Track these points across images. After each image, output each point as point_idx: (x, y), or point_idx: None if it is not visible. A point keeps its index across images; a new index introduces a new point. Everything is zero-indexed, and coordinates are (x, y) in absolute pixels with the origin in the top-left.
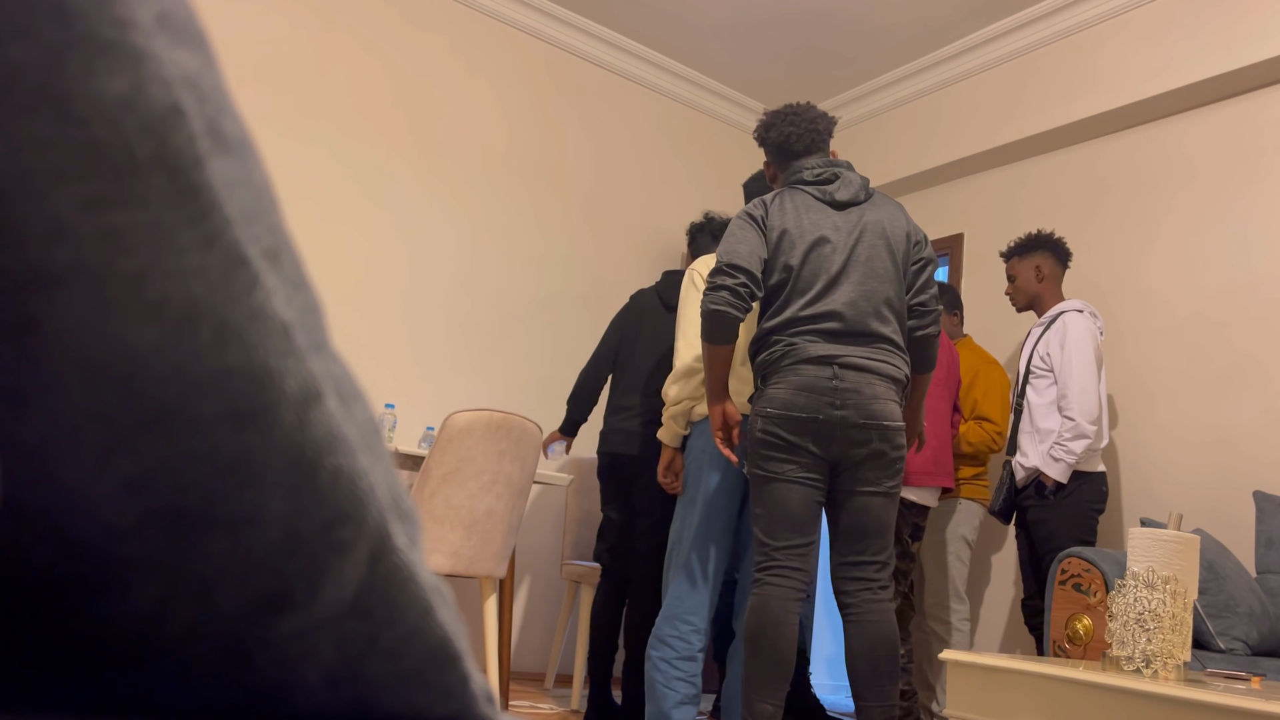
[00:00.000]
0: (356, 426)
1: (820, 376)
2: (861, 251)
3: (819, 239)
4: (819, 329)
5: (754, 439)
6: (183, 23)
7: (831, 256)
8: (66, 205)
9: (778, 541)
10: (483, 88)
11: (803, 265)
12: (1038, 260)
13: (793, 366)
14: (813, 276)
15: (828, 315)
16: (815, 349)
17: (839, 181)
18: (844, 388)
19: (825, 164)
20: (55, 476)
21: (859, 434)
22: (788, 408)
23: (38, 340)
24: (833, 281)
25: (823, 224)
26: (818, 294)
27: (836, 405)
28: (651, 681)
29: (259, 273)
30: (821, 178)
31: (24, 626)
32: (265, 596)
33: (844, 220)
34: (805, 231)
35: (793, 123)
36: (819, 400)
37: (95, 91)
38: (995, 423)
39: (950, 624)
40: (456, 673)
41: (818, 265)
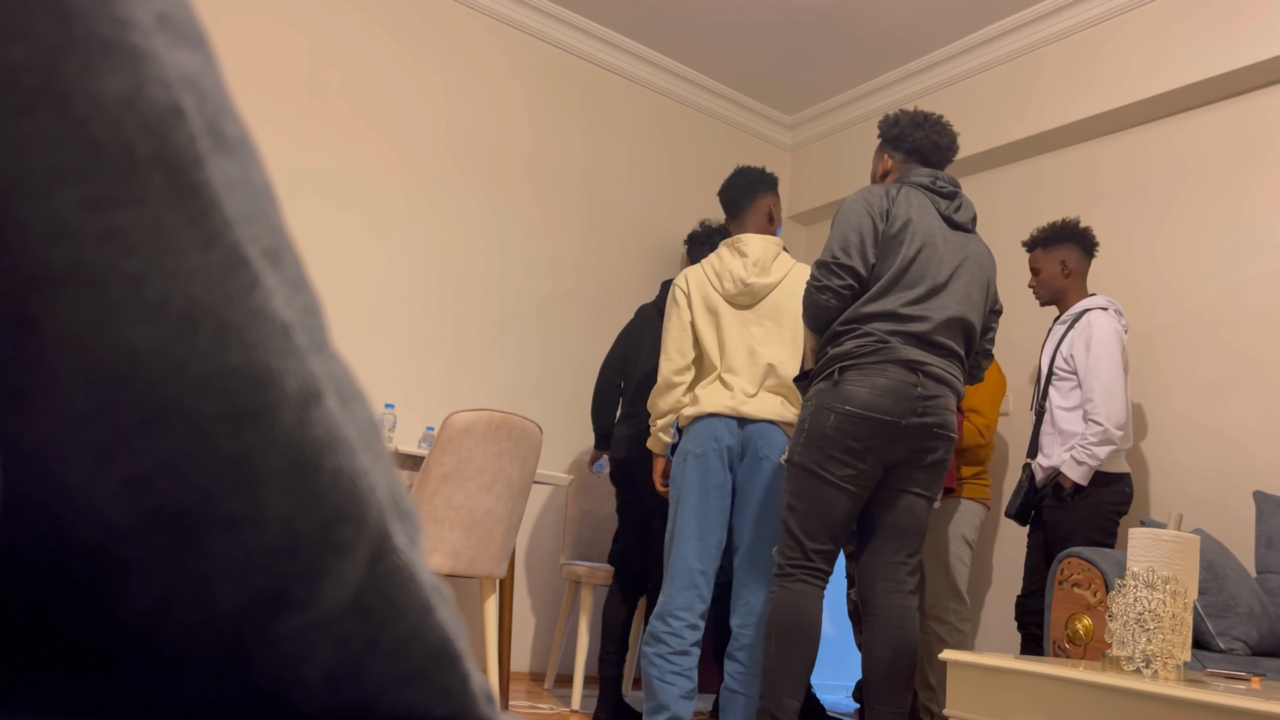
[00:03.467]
0: (356, 426)
1: (906, 382)
2: (963, 274)
3: (934, 243)
4: (912, 331)
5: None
6: (183, 23)
7: (940, 265)
8: (67, 205)
9: (815, 543)
10: (483, 87)
11: (913, 261)
12: (1063, 254)
13: (880, 366)
14: (919, 276)
15: (924, 319)
16: (906, 352)
17: (959, 202)
18: (927, 395)
19: (952, 182)
20: (55, 476)
21: (932, 441)
22: (871, 409)
23: (38, 340)
24: (938, 288)
25: (938, 231)
26: (921, 295)
27: (919, 412)
28: (647, 677)
29: (259, 273)
30: (944, 192)
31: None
32: (265, 596)
33: (954, 239)
34: (925, 231)
35: (939, 134)
36: (904, 406)
37: (95, 91)
38: (983, 415)
39: (951, 624)
40: (456, 673)
41: (926, 267)
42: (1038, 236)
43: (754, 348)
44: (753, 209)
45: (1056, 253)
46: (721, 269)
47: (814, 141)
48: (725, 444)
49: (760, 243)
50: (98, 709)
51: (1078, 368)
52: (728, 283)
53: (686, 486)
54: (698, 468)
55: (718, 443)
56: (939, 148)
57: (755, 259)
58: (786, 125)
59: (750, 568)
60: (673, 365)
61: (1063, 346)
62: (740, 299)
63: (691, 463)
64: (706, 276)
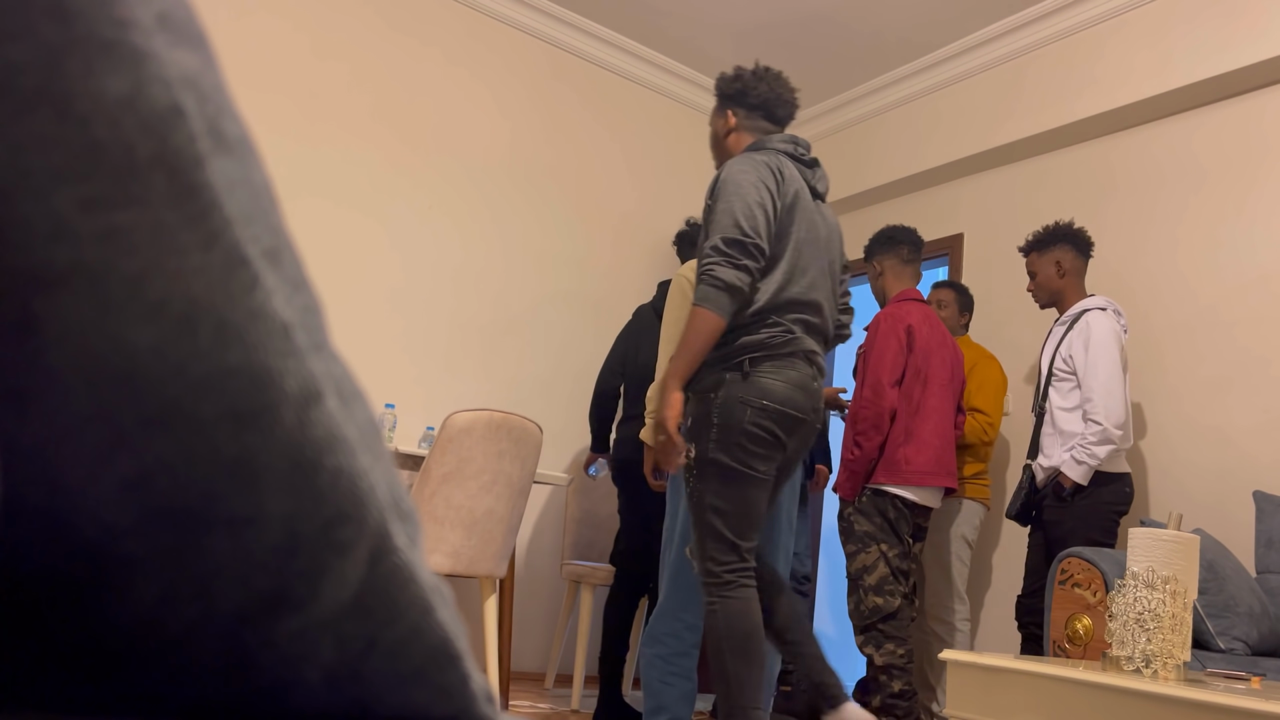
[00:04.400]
0: (356, 426)
1: (807, 375)
2: (831, 250)
3: (814, 221)
4: (807, 320)
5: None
6: (183, 23)
7: (817, 244)
8: (67, 205)
9: (747, 542)
10: (483, 88)
11: (804, 243)
12: (1058, 255)
13: (790, 359)
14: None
15: (815, 305)
16: (807, 343)
17: (820, 172)
18: (817, 389)
19: (807, 145)
20: (55, 476)
21: (815, 435)
22: (788, 404)
23: (39, 340)
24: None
25: (811, 206)
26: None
27: (816, 406)
28: (647, 678)
29: (259, 273)
30: (807, 160)
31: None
32: (265, 596)
33: (821, 212)
34: (806, 207)
35: (778, 87)
36: (810, 400)
37: (95, 91)
38: (987, 414)
39: (951, 624)
40: (456, 672)
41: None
42: (1032, 241)
43: None
44: None
45: (1051, 255)
46: None
47: (814, 141)
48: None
49: None
50: (98, 709)
51: (1077, 368)
52: None
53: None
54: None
55: None
56: (784, 102)
57: None
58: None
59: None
60: None
61: (1062, 347)
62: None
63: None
64: None
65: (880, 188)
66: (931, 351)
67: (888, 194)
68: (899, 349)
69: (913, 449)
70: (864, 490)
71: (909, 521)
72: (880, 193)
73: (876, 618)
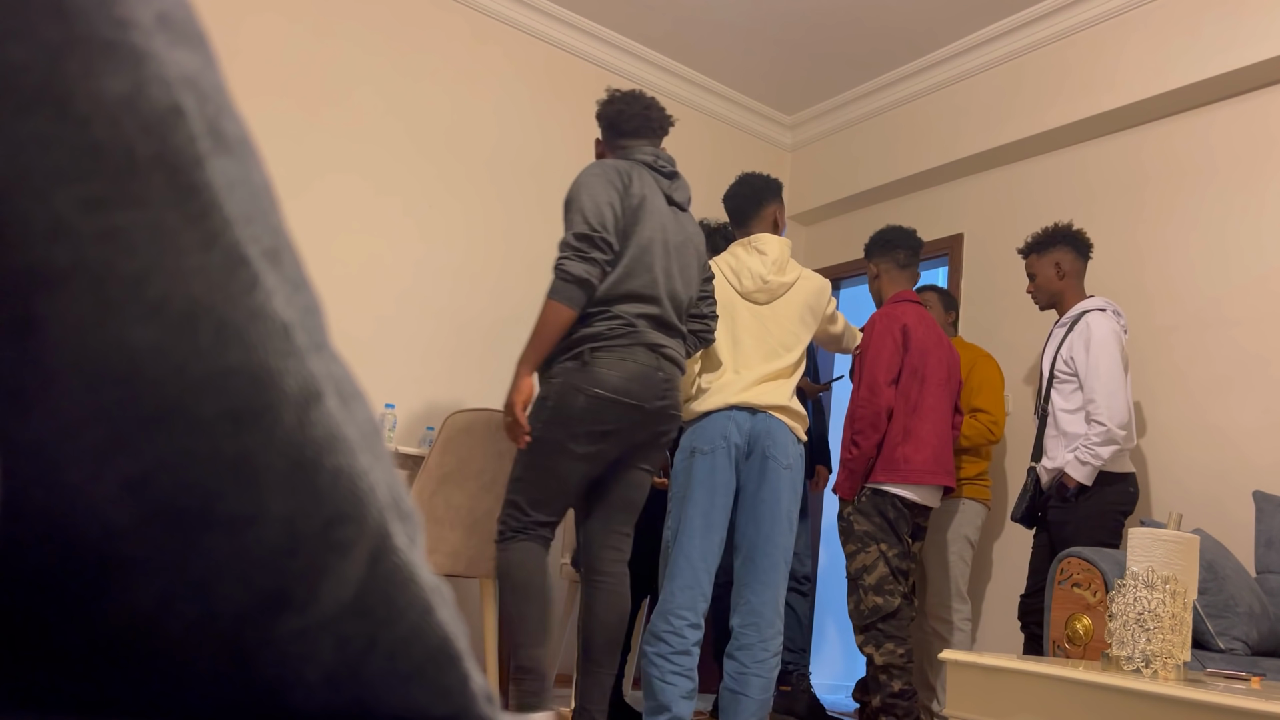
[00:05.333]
0: (356, 426)
1: (649, 365)
2: (685, 253)
3: (661, 224)
4: (649, 314)
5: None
6: (183, 23)
7: (666, 245)
8: (67, 205)
9: (538, 514)
10: (482, 87)
11: (651, 245)
12: (1057, 256)
13: (630, 350)
14: (656, 257)
15: (660, 301)
16: (651, 336)
17: (679, 183)
18: (664, 379)
19: (669, 159)
20: (55, 476)
21: (668, 423)
22: (621, 393)
23: (39, 340)
24: (668, 270)
25: (664, 211)
26: (658, 277)
27: (660, 395)
28: (648, 677)
29: (259, 273)
30: (665, 171)
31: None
32: (265, 596)
33: (676, 218)
34: (657, 211)
35: (627, 103)
36: (650, 390)
37: (95, 91)
38: (990, 413)
39: (952, 624)
40: (456, 673)
41: (660, 248)
42: (1031, 243)
43: (770, 343)
44: (759, 217)
45: (1050, 256)
46: (739, 267)
47: (814, 141)
48: (733, 441)
49: (777, 243)
50: (98, 709)
51: (1078, 369)
52: (747, 280)
53: (693, 484)
54: (706, 465)
55: (726, 441)
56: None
57: (774, 258)
58: (786, 125)
59: (752, 568)
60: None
61: (1062, 349)
62: (759, 295)
63: (699, 460)
64: (723, 273)
65: (880, 188)
66: (928, 351)
67: (888, 194)
68: (894, 348)
69: (911, 448)
70: (863, 490)
71: (908, 521)
72: (880, 193)
73: (876, 617)
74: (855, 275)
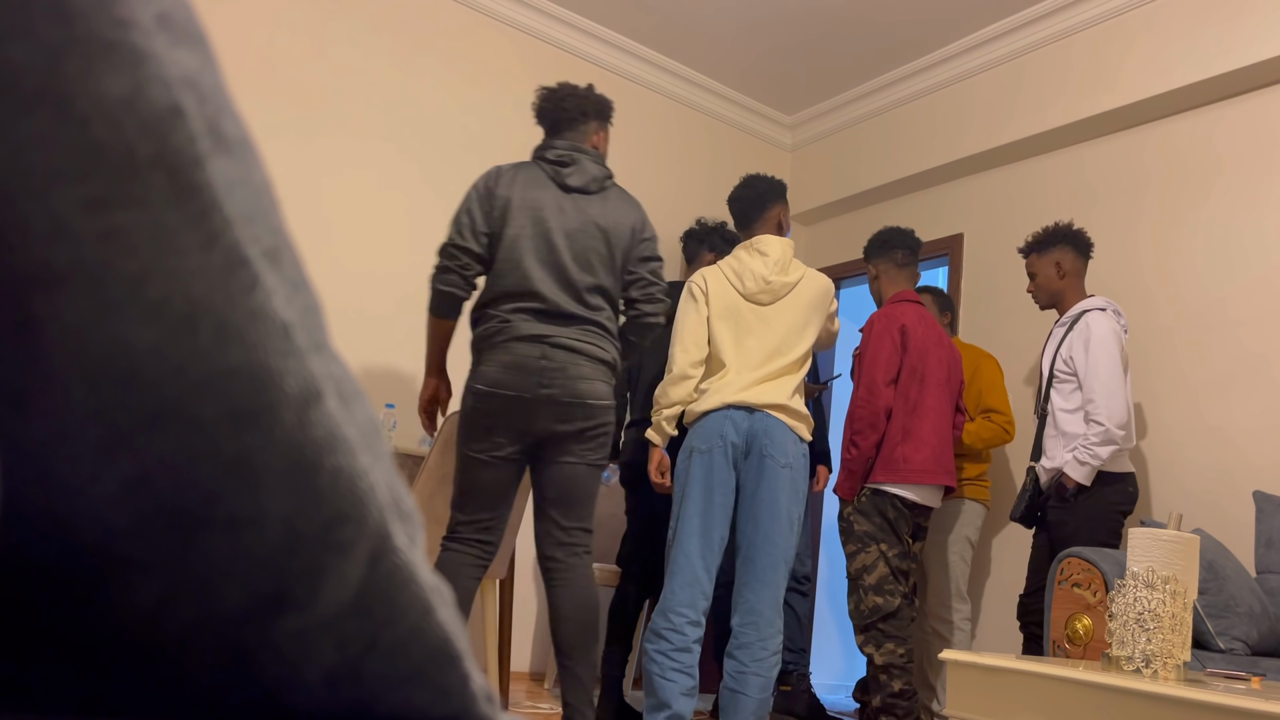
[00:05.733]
0: (356, 426)
1: (530, 355)
2: (579, 239)
3: (538, 218)
4: (529, 307)
5: (462, 414)
6: (183, 23)
7: (547, 237)
8: (67, 205)
9: (464, 515)
10: (483, 87)
11: (518, 240)
12: (1057, 256)
13: (505, 344)
14: (526, 253)
15: (536, 295)
16: (527, 328)
17: (574, 168)
18: (551, 367)
19: (569, 148)
20: (56, 476)
21: (564, 411)
22: (497, 386)
23: (39, 340)
24: (547, 261)
25: (546, 203)
26: (526, 272)
27: (544, 384)
28: (648, 674)
29: (259, 273)
30: (560, 160)
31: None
32: (265, 596)
33: (570, 205)
34: (527, 207)
35: (545, 99)
36: (528, 379)
37: (95, 91)
38: (1002, 413)
39: (953, 623)
40: (456, 673)
41: (533, 243)
42: (1031, 242)
43: (774, 342)
44: (763, 219)
45: (1050, 255)
46: (741, 269)
47: (814, 141)
48: (731, 440)
49: (779, 244)
50: (98, 709)
51: (1077, 369)
52: (749, 281)
53: (691, 483)
54: (703, 464)
55: (723, 440)
56: (547, 112)
57: (776, 259)
58: (786, 125)
59: (751, 567)
60: (689, 357)
61: (1062, 349)
62: (762, 296)
63: (697, 459)
64: (726, 277)
65: (880, 188)
66: (927, 351)
67: (888, 194)
68: (893, 348)
69: (910, 447)
70: (863, 490)
71: (908, 521)
72: (880, 193)
73: (876, 617)
74: (855, 275)
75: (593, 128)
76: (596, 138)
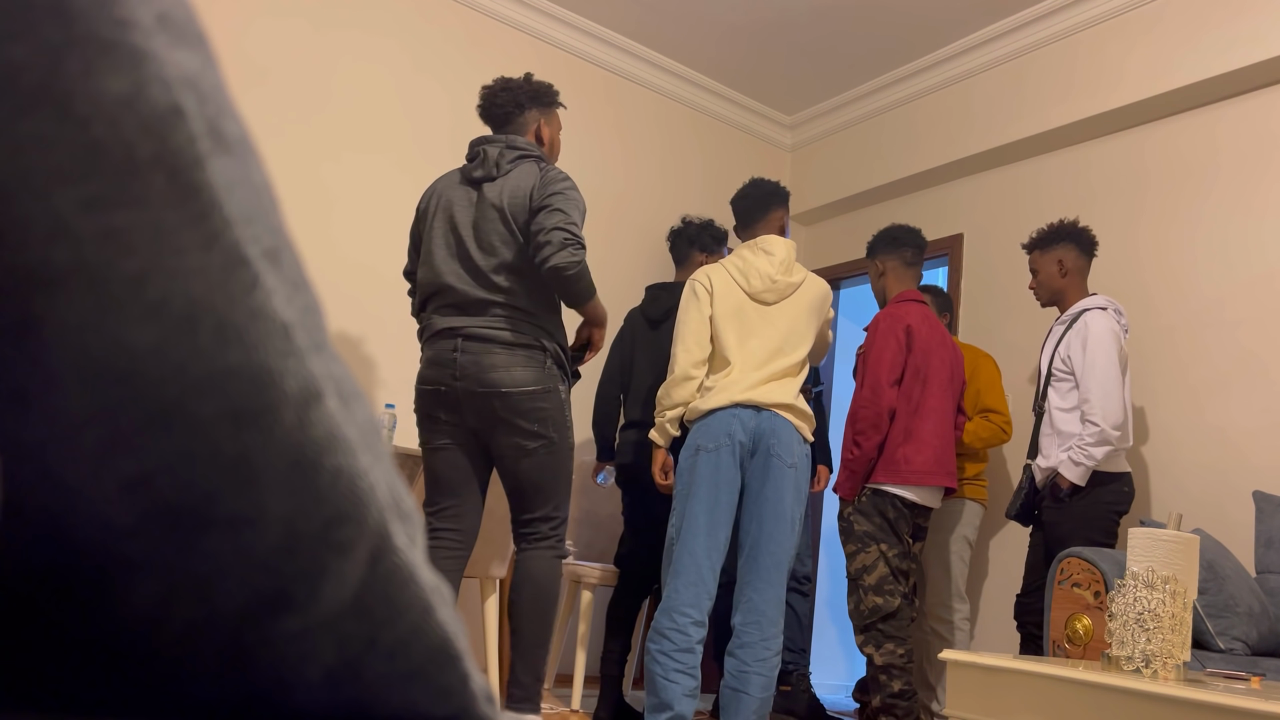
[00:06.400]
0: (356, 426)
1: (445, 349)
2: (481, 225)
3: (448, 216)
4: (443, 303)
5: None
6: (183, 23)
7: (451, 233)
8: (67, 205)
9: (429, 506)
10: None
11: (431, 242)
12: (1060, 254)
13: (428, 341)
14: (437, 250)
15: (444, 290)
16: (442, 322)
17: (478, 161)
18: (463, 359)
19: (480, 141)
20: (56, 476)
21: (481, 402)
22: (422, 381)
23: (38, 340)
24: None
25: (456, 201)
26: (437, 268)
27: (456, 376)
28: (651, 674)
29: (259, 273)
30: (470, 156)
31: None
32: (265, 596)
33: (477, 196)
34: (440, 209)
35: (484, 98)
36: (443, 373)
37: (95, 92)
38: (1001, 412)
39: (952, 623)
40: (456, 672)
41: (441, 241)
42: (1035, 239)
43: (777, 342)
44: (765, 221)
45: (1053, 253)
46: (746, 267)
47: (814, 141)
48: (738, 439)
49: (784, 245)
50: (98, 709)
51: (1075, 368)
52: (755, 280)
53: (697, 481)
54: (710, 463)
55: (730, 439)
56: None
57: (781, 258)
58: (786, 125)
59: (755, 567)
60: (691, 357)
61: (1061, 347)
62: (767, 296)
63: (703, 458)
64: (730, 275)
65: (880, 188)
66: (931, 351)
67: (888, 194)
68: (898, 349)
69: (912, 448)
70: (864, 490)
71: (909, 521)
72: (880, 193)
73: (876, 617)
74: (855, 275)
75: (532, 116)
76: (539, 125)
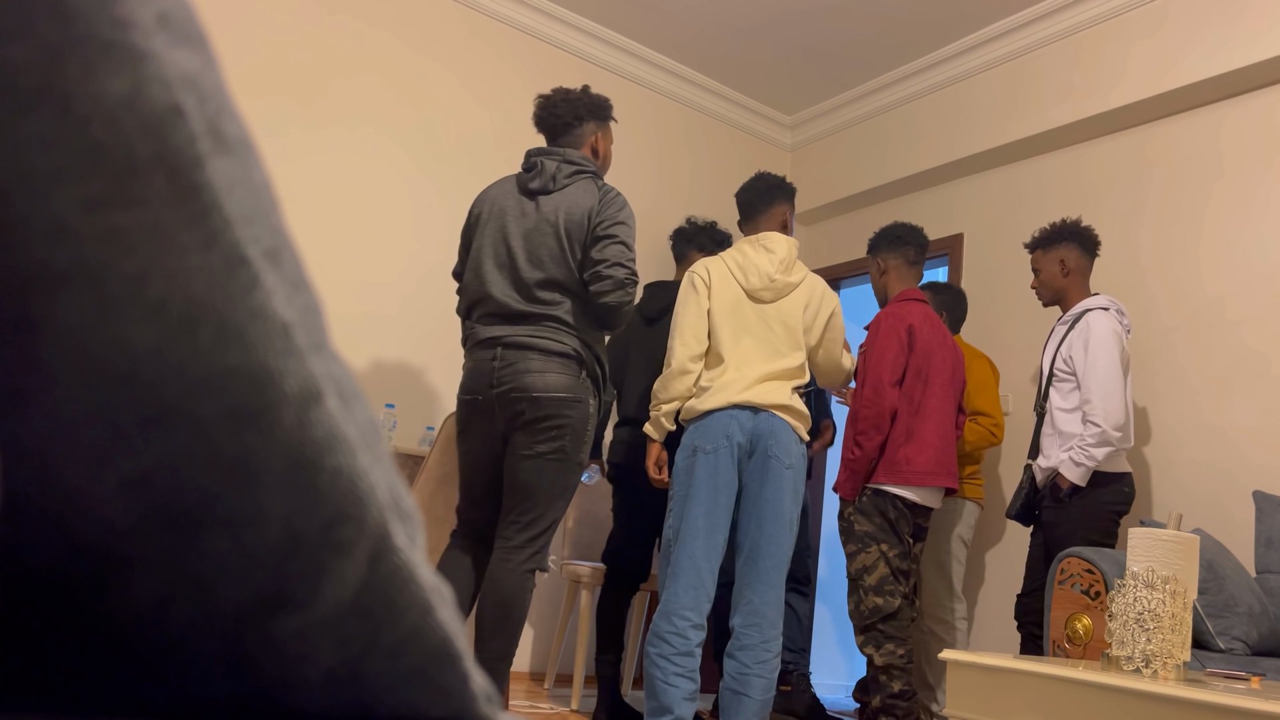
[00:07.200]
0: (356, 426)
1: (484, 358)
2: (534, 237)
3: (500, 225)
4: (485, 312)
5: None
6: (183, 23)
7: (505, 243)
8: (67, 205)
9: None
10: (484, 87)
11: (480, 250)
12: (1062, 253)
13: (470, 351)
14: (485, 260)
15: (487, 300)
16: (485, 332)
17: (536, 171)
18: (501, 366)
19: (539, 153)
20: (56, 476)
21: (513, 406)
22: (462, 391)
23: (39, 340)
24: (503, 263)
25: (509, 211)
26: (484, 278)
27: (494, 383)
28: (650, 678)
29: (259, 273)
30: (527, 166)
31: (24, 626)
32: (265, 596)
33: (530, 208)
34: (493, 217)
35: (541, 107)
36: (482, 380)
37: (96, 91)
38: (990, 415)
39: (950, 623)
40: (456, 672)
41: (496, 247)
42: (1038, 238)
43: (773, 342)
44: (768, 215)
45: (1055, 253)
46: (745, 264)
47: (814, 141)
48: (736, 441)
49: (785, 243)
50: (98, 709)
51: (1076, 368)
52: (753, 277)
53: (696, 483)
54: (708, 465)
55: (729, 440)
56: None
57: (782, 257)
58: (786, 125)
59: (755, 569)
60: (689, 351)
61: (1062, 348)
62: (764, 294)
63: (702, 460)
64: (729, 269)
65: (880, 187)
66: (933, 351)
67: (888, 194)
68: (900, 349)
69: (913, 449)
70: (864, 490)
71: (909, 521)
72: (881, 192)
73: (876, 618)
74: (855, 275)
75: (589, 130)
76: (595, 138)
